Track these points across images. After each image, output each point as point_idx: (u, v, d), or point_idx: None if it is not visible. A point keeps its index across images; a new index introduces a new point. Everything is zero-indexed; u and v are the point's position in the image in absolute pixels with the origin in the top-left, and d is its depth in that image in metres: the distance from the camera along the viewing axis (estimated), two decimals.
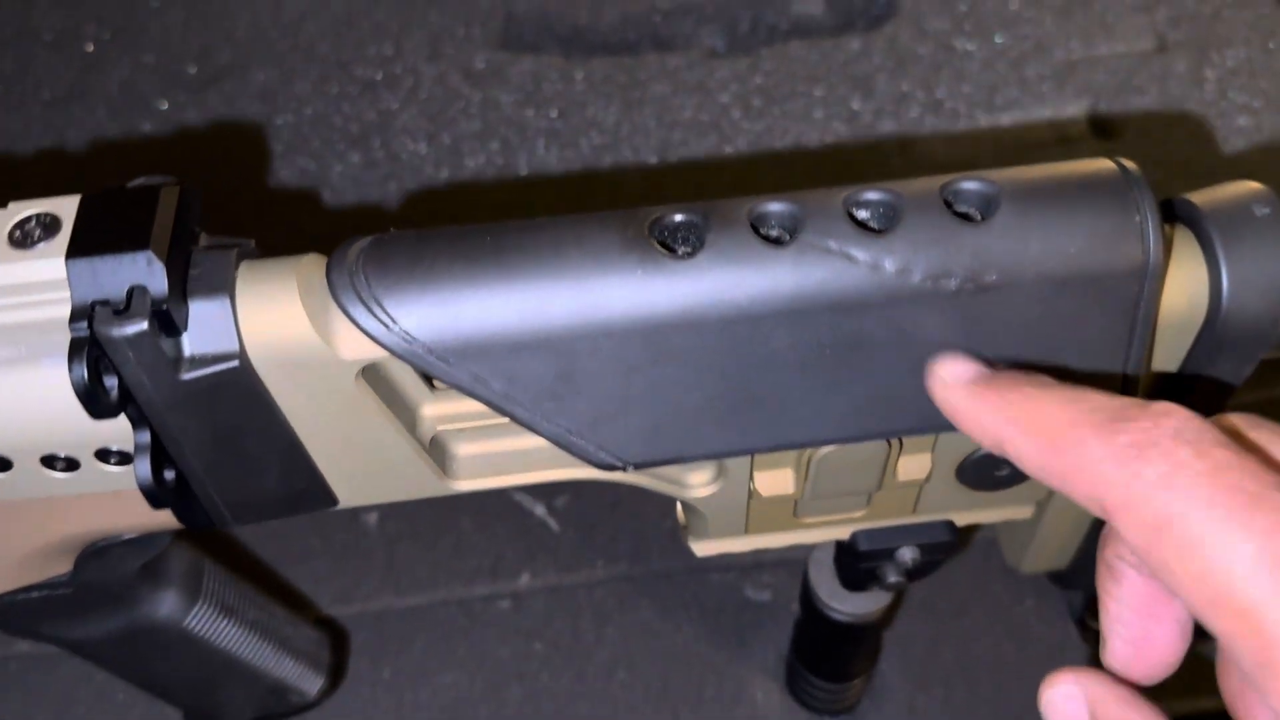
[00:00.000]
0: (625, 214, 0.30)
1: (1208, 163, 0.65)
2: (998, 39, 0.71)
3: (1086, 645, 0.52)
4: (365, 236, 0.29)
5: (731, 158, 0.67)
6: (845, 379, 0.30)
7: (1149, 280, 0.29)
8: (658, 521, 0.56)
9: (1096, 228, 0.29)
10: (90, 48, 0.74)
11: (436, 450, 0.34)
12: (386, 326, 0.28)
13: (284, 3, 0.75)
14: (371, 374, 0.31)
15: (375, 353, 0.29)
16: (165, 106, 0.71)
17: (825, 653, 0.47)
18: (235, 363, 0.29)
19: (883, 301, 0.29)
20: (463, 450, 0.34)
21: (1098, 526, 0.41)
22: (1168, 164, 0.65)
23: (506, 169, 0.68)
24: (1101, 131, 0.67)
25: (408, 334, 0.28)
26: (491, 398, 0.29)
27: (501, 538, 0.55)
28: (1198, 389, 0.33)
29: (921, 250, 0.29)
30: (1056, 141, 0.67)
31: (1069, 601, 0.51)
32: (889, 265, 0.29)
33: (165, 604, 0.39)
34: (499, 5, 0.74)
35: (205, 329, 0.28)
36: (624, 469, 0.31)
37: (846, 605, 0.44)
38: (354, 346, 0.29)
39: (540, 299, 0.28)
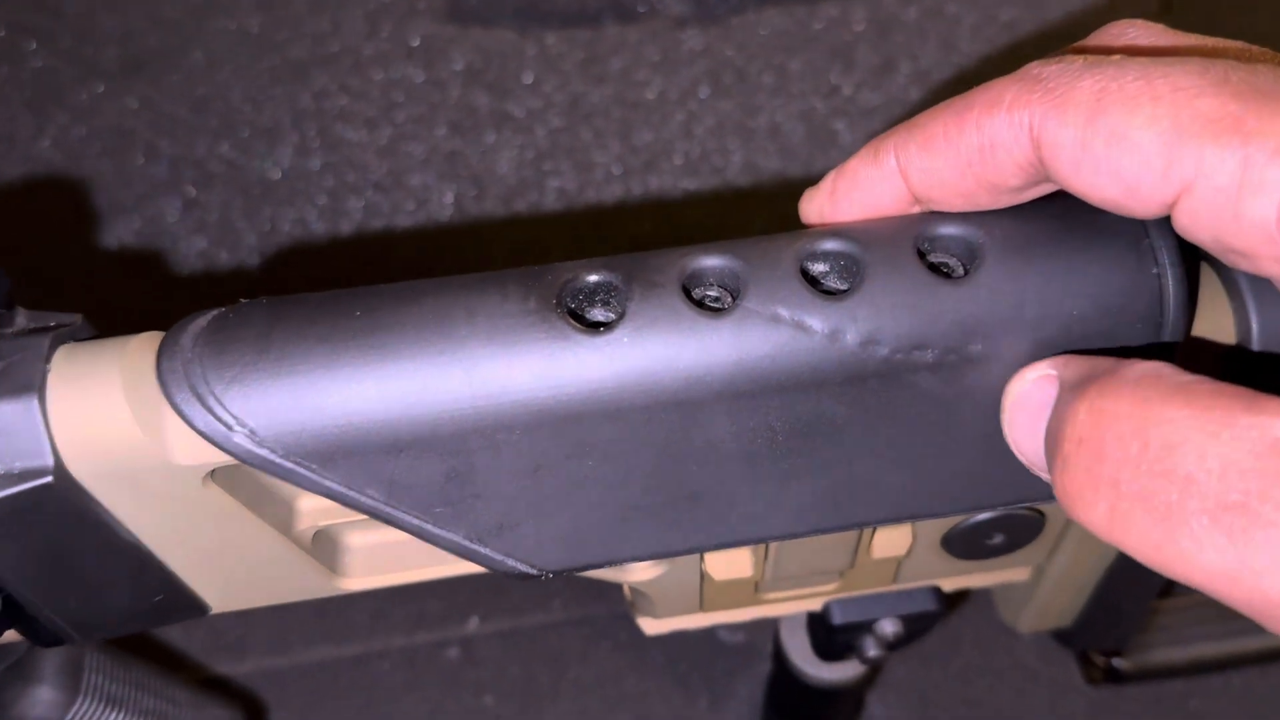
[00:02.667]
0: (528, 275, 0.24)
1: None
2: (990, 1, 0.64)
3: (1090, 683, 0.47)
4: (206, 312, 0.24)
5: (699, 143, 0.62)
6: (802, 468, 0.25)
7: (1165, 342, 0.24)
8: None
9: (1103, 285, 0.23)
10: (1, 33, 0.68)
11: (323, 545, 0.29)
12: (228, 428, 0.23)
13: None
14: (227, 472, 0.25)
15: (219, 458, 0.23)
16: (84, 97, 0.65)
17: (801, 713, 0.43)
18: (49, 479, 0.23)
19: (844, 379, 0.24)
20: (355, 543, 0.29)
21: (1105, 584, 0.36)
22: None
23: (454, 160, 0.62)
24: None
25: (255, 435, 0.23)
26: (369, 507, 0.24)
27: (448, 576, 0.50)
28: None
29: (890, 316, 0.23)
30: None
31: None
32: (851, 335, 0.23)
33: (37, 706, 0.34)
34: None
35: (8, 440, 0.23)
36: (541, 577, 0.26)
37: (823, 671, 0.39)
38: (193, 451, 0.23)
39: (422, 387, 0.23)
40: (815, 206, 0.26)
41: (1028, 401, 0.22)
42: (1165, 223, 0.24)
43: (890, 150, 0.24)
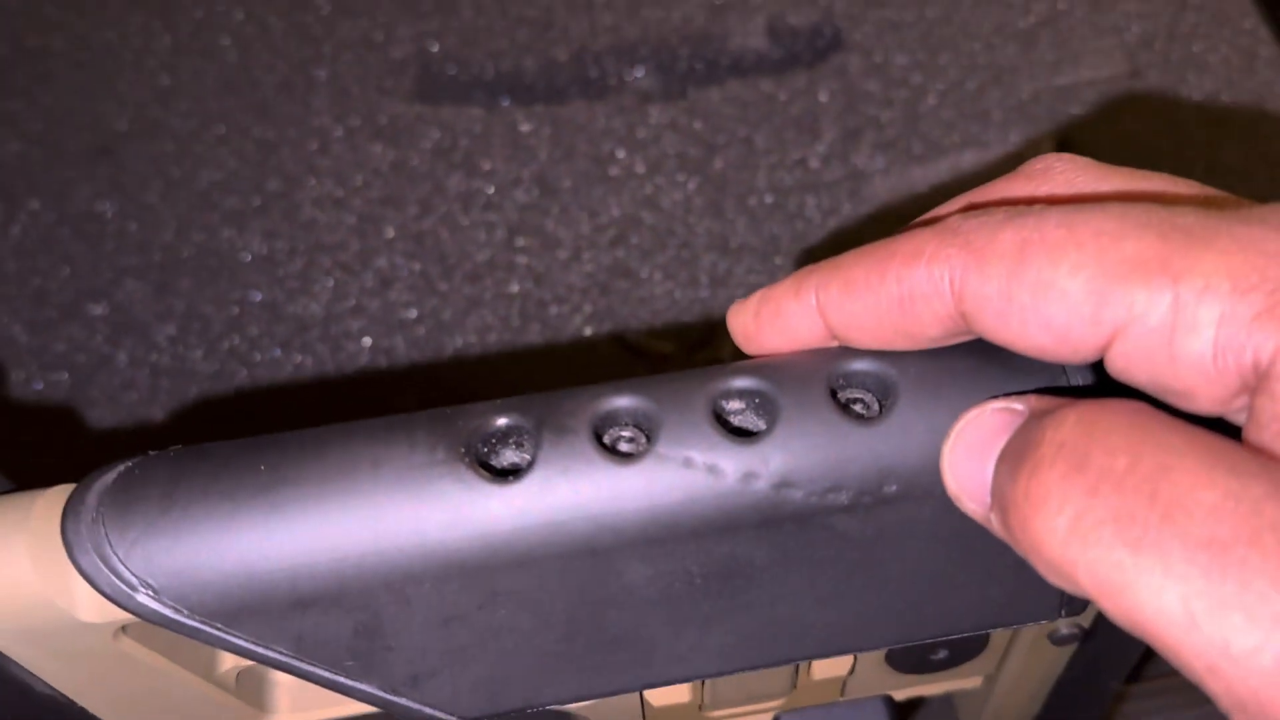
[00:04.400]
0: (436, 421, 0.24)
1: None
2: (954, 70, 0.64)
3: None
4: (113, 466, 0.24)
5: (666, 216, 0.61)
6: (724, 610, 0.25)
7: None
8: None
9: None
10: None
11: (248, 684, 0.28)
12: (132, 589, 0.23)
13: (178, 63, 0.69)
14: (139, 626, 0.25)
15: (127, 615, 0.23)
16: (54, 182, 0.65)
17: None
18: None
19: (759, 522, 0.23)
20: (281, 678, 0.29)
21: (1060, 688, 0.35)
22: None
23: (424, 239, 0.62)
24: None
25: (159, 595, 0.23)
26: (278, 662, 0.24)
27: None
28: None
29: (803, 459, 0.23)
30: None
31: None
32: (764, 479, 0.23)
33: None
34: (413, 53, 0.68)
35: None
36: None
37: None
38: (100, 610, 0.23)
39: (327, 543, 0.23)
40: (740, 324, 0.26)
41: (982, 428, 0.21)
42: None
43: (811, 288, 0.24)
